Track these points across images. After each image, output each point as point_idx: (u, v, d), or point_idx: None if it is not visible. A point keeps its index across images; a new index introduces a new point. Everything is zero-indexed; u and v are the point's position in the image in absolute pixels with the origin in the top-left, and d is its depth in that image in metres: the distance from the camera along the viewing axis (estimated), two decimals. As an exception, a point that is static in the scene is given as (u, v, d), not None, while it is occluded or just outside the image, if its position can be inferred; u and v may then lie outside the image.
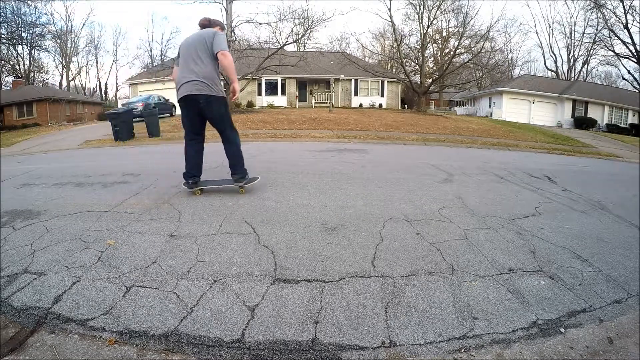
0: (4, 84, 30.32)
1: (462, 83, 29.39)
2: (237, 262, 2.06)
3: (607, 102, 23.79)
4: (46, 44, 32.66)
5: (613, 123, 23.11)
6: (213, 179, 3.70)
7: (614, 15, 26.67)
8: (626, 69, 33.07)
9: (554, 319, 1.60)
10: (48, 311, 1.61)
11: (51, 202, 3.31)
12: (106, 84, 57.09)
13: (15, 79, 29.60)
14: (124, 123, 10.00)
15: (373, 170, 5.02)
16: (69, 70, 40.23)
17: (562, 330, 1.54)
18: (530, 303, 1.72)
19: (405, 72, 23.01)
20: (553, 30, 60.71)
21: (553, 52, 55.47)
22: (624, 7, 24.91)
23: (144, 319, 1.56)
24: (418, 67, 23.79)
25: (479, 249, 2.29)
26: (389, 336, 1.47)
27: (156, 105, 15.39)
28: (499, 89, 25.08)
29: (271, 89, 24.23)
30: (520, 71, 41.73)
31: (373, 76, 24.97)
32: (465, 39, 22.53)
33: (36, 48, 31.76)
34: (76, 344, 1.41)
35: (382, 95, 26.38)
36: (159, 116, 11.56)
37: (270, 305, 1.66)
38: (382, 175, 4.62)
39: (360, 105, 25.12)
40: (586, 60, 36.88)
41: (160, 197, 3.39)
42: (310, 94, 24.95)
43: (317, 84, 25.68)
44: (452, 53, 22.94)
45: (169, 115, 18.57)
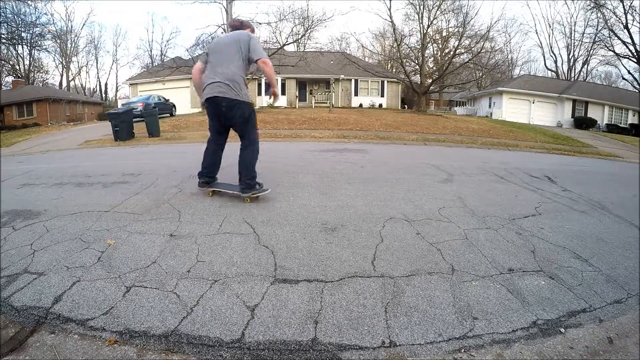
0: (4, 84, 30.35)
1: (462, 83, 29.38)
2: (237, 262, 2.06)
3: (607, 102, 23.79)
4: (46, 44, 32.74)
5: (613, 123, 23.11)
6: (228, 183, 3.53)
7: (614, 15, 26.69)
8: (626, 69, 33.10)
9: (554, 319, 1.60)
10: (48, 311, 1.61)
11: (51, 202, 3.31)
12: (106, 84, 57.14)
13: (15, 79, 29.62)
14: (124, 123, 10.00)
15: (373, 170, 5.02)
16: (69, 70, 40.29)
17: (562, 330, 1.54)
18: (530, 303, 1.72)
19: (405, 72, 23.00)
20: (553, 30, 60.72)
21: (553, 52, 55.46)
22: (624, 7, 24.93)
23: (144, 319, 1.56)
24: (418, 67, 23.77)
25: (479, 249, 2.29)
26: (389, 336, 1.47)
27: (156, 105, 15.39)
28: (499, 89, 25.08)
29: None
30: (520, 71, 41.77)
31: (373, 76, 24.97)
32: (465, 39, 22.53)
33: (36, 48, 31.82)
34: (76, 344, 1.41)
35: (382, 95, 26.38)
36: (159, 116, 11.56)
37: (270, 305, 1.66)
38: (382, 175, 4.62)
39: (360, 105, 25.12)
40: (586, 60, 36.91)
41: (160, 197, 3.39)
42: (310, 94, 24.94)
43: (317, 84, 25.68)
44: (452, 53, 22.92)
45: (169, 115, 18.58)
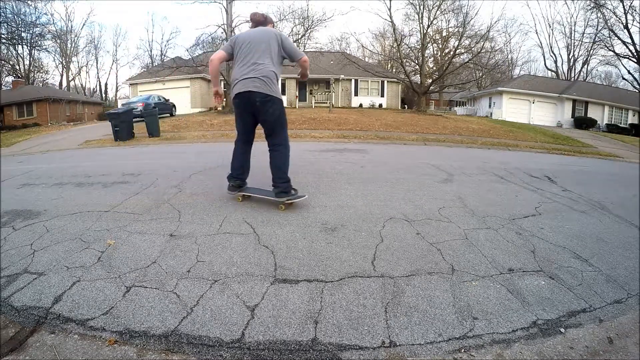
0: (4, 84, 30.36)
1: (462, 83, 29.37)
2: (237, 262, 2.06)
3: (607, 102, 23.79)
4: (46, 44, 32.76)
5: (613, 123, 23.11)
6: (258, 187, 3.42)
7: (614, 15, 26.71)
8: (626, 69, 33.12)
9: (554, 319, 1.60)
10: (48, 311, 1.61)
11: (51, 202, 3.31)
12: (106, 84, 57.26)
13: (15, 79, 29.63)
14: (124, 123, 10.00)
15: (373, 170, 5.02)
16: (69, 70, 40.30)
17: (562, 330, 1.54)
18: (530, 303, 1.72)
19: (405, 72, 22.99)
20: (553, 30, 60.76)
21: (553, 52, 55.54)
22: (624, 7, 24.95)
23: (144, 319, 1.56)
24: (418, 67, 23.76)
25: (479, 249, 2.29)
26: (389, 336, 1.47)
27: (156, 105, 15.40)
28: (499, 89, 25.08)
29: (271, 89, 24.19)
30: (520, 71, 41.79)
31: (373, 76, 24.97)
32: (465, 39, 22.51)
33: (36, 48, 31.83)
34: (76, 344, 1.41)
35: (382, 95, 26.39)
36: (159, 116, 11.56)
37: (270, 305, 1.66)
38: (382, 175, 4.62)
39: (360, 105, 25.13)
40: (586, 60, 36.92)
41: (160, 197, 3.39)
42: (310, 94, 24.93)
43: (317, 84, 25.67)
44: (452, 53, 22.91)
45: (169, 115, 18.58)
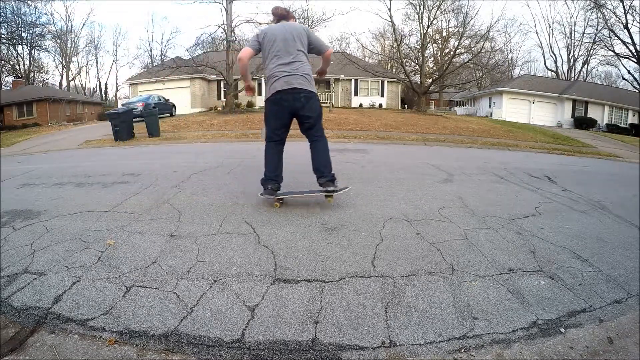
0: (4, 84, 30.38)
1: (462, 83, 29.38)
2: (237, 262, 2.06)
3: (607, 102, 23.79)
4: (46, 44, 32.82)
5: (613, 123, 23.11)
6: (293, 190, 3.35)
7: (614, 15, 26.74)
8: (626, 69, 33.16)
9: (554, 319, 1.60)
10: (48, 311, 1.61)
11: (51, 202, 3.31)
12: (106, 84, 57.29)
13: (15, 79, 29.64)
14: (124, 123, 10.01)
15: (373, 170, 5.02)
16: (69, 70, 40.31)
17: (562, 330, 1.54)
18: (530, 303, 1.71)
19: (405, 72, 22.99)
20: (553, 30, 60.77)
21: (553, 52, 55.53)
22: (624, 7, 24.96)
23: (144, 319, 1.55)
24: (418, 67, 23.77)
25: (479, 249, 2.29)
26: (389, 336, 1.47)
27: (156, 105, 15.41)
28: (499, 89, 25.08)
29: (271, 89, 24.21)
30: (520, 71, 41.79)
31: (373, 76, 24.96)
32: (465, 39, 22.53)
33: (36, 48, 31.89)
34: (76, 344, 1.41)
35: (382, 95, 26.38)
36: (159, 116, 11.57)
37: (270, 305, 1.66)
38: (382, 175, 4.62)
39: (360, 105, 25.12)
40: (586, 60, 36.93)
41: (160, 197, 3.39)
42: (311, 93, 24.92)
43: (317, 84, 25.68)
44: (452, 53, 22.91)
45: (169, 115, 18.59)
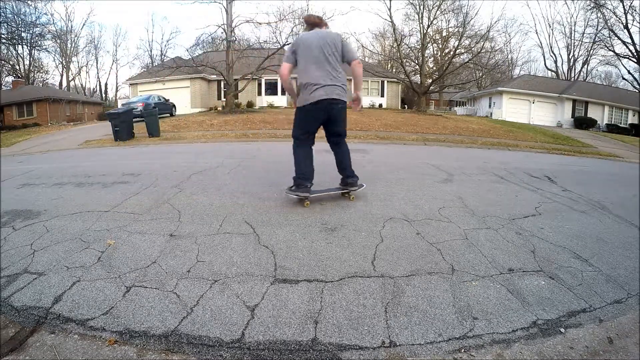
0: (4, 84, 30.36)
1: (462, 83, 29.38)
2: (237, 262, 2.06)
3: (607, 102, 23.78)
4: (46, 44, 32.81)
5: (613, 123, 23.10)
6: (321, 189, 3.46)
7: (614, 15, 26.72)
8: (626, 69, 33.11)
9: (554, 319, 1.60)
10: (48, 311, 1.61)
11: (51, 202, 3.31)
12: (106, 84, 57.13)
13: (15, 79, 29.61)
14: (124, 123, 10.01)
15: (373, 170, 5.02)
16: (69, 70, 40.28)
17: (562, 330, 1.54)
18: (530, 303, 1.72)
19: (405, 72, 22.99)
20: (553, 30, 60.64)
21: (553, 52, 55.43)
22: (624, 7, 24.96)
23: (144, 319, 1.56)
24: (418, 67, 23.77)
25: (479, 249, 2.29)
26: (389, 336, 1.47)
27: (156, 105, 15.39)
28: (499, 89, 25.07)
29: (271, 88, 24.22)
30: (520, 71, 41.72)
31: (373, 76, 24.94)
32: (465, 39, 22.55)
33: (36, 48, 31.88)
34: (76, 344, 1.41)
35: (382, 95, 26.36)
36: (159, 116, 11.57)
37: (270, 305, 1.66)
38: (382, 175, 4.62)
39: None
40: (586, 60, 36.90)
41: (160, 197, 3.39)
42: (311, 94, 24.91)
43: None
44: (452, 53, 22.92)
45: (169, 115, 18.58)
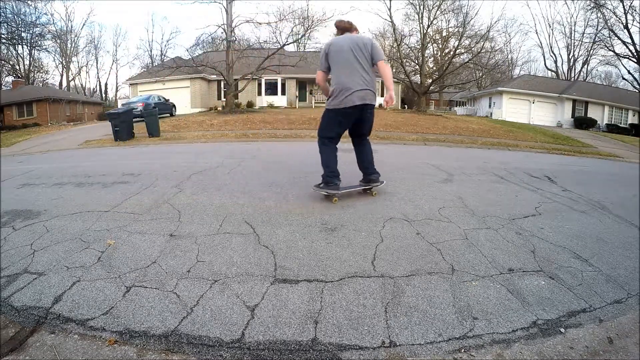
0: (4, 84, 30.35)
1: (462, 83, 29.36)
2: (237, 262, 2.06)
3: (607, 102, 23.78)
4: (46, 44, 32.80)
5: (613, 123, 23.10)
6: (345, 185, 3.52)
7: (614, 15, 26.68)
8: (626, 69, 33.08)
9: (554, 319, 1.60)
10: (48, 311, 1.61)
11: (51, 202, 3.31)
12: (106, 84, 57.12)
13: (15, 79, 29.61)
14: (124, 123, 10.01)
15: (373, 170, 5.01)
16: (69, 70, 40.26)
17: (562, 330, 1.54)
18: (530, 303, 1.72)
19: (405, 72, 22.98)
20: (553, 30, 60.62)
21: (553, 52, 55.36)
22: (624, 7, 24.93)
23: (144, 319, 1.56)
24: (418, 67, 23.76)
25: (479, 249, 2.29)
26: (389, 336, 1.47)
27: (156, 105, 15.39)
28: (499, 89, 25.07)
29: (271, 88, 24.22)
30: (520, 71, 41.69)
31: (373, 76, 24.93)
32: (465, 39, 22.53)
33: (36, 48, 31.86)
34: (76, 344, 1.41)
35: (382, 95, 26.39)
36: (159, 116, 11.57)
37: (270, 305, 1.67)
38: (382, 175, 4.61)
39: (361, 105, 25.09)
40: (586, 60, 36.89)
41: (160, 197, 3.39)
42: (311, 94, 24.91)
43: (317, 84, 25.63)
44: (452, 53, 22.91)
45: (169, 115, 18.58)
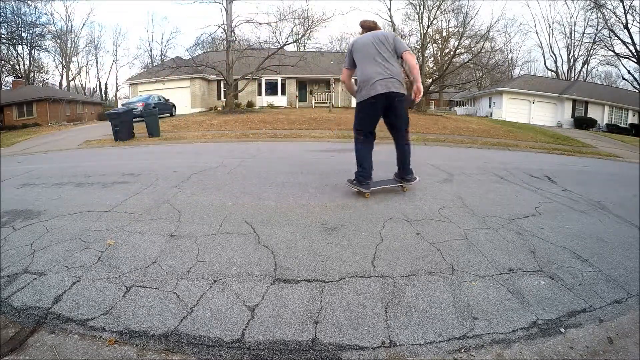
0: (4, 84, 30.34)
1: (462, 83, 29.34)
2: (237, 262, 2.06)
3: (607, 102, 23.78)
4: (46, 44, 32.79)
5: (613, 123, 23.10)
6: (378, 180, 3.56)
7: (614, 15, 26.68)
8: (626, 69, 33.04)
9: (554, 319, 1.60)
10: (48, 311, 1.61)
11: (51, 202, 3.31)
12: (106, 84, 57.20)
13: (15, 79, 29.60)
14: (124, 123, 10.01)
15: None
16: (69, 70, 40.27)
17: (562, 330, 1.54)
18: (530, 303, 1.72)
19: (405, 72, 22.96)
20: (553, 30, 60.62)
21: (553, 52, 55.36)
22: (624, 7, 24.93)
23: (144, 319, 1.56)
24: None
25: (479, 249, 2.29)
26: (389, 336, 1.47)
27: (156, 105, 15.39)
28: (499, 89, 25.07)
29: (271, 88, 24.23)
30: (520, 71, 41.69)
31: (373, 76, 24.91)
32: (465, 39, 22.51)
33: (36, 48, 31.85)
34: (76, 344, 1.41)
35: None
36: (159, 116, 11.57)
37: (270, 305, 1.67)
38: (382, 175, 4.62)
39: (361, 105, 25.10)
40: (586, 60, 36.89)
41: (160, 197, 3.39)
42: (310, 93, 24.93)
43: (317, 84, 25.65)
44: (452, 53, 22.90)
45: (169, 115, 18.58)
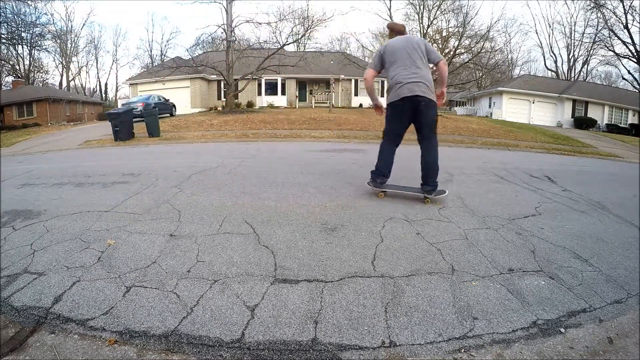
0: (4, 84, 30.35)
1: (462, 83, 29.31)
2: (237, 262, 2.06)
3: (607, 102, 23.79)
4: (46, 44, 32.82)
5: (613, 123, 23.11)
6: (398, 184, 3.61)
7: (614, 15, 26.74)
8: (626, 69, 33.09)
9: (554, 319, 1.60)
10: (48, 311, 1.61)
11: (51, 202, 3.31)
12: (106, 84, 57.12)
13: (15, 79, 29.61)
14: (124, 123, 10.01)
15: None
16: (69, 70, 40.29)
17: (562, 330, 1.54)
18: (530, 303, 1.72)
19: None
20: (553, 30, 60.64)
21: (553, 52, 55.38)
22: (624, 7, 24.98)
23: (144, 319, 1.56)
24: (418, 67, 23.70)
25: (479, 249, 2.29)
26: (389, 336, 1.47)
27: (156, 105, 15.40)
28: (499, 89, 25.08)
29: (271, 89, 24.23)
30: (520, 71, 41.73)
31: (373, 76, 24.91)
32: (465, 39, 22.51)
33: (36, 48, 31.88)
34: (76, 344, 1.41)
35: (383, 95, 26.28)
36: (159, 116, 11.57)
37: (270, 305, 1.66)
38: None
39: (360, 105, 25.10)
40: (586, 60, 36.93)
41: (160, 197, 3.39)
42: (310, 94, 24.93)
43: (317, 84, 25.65)
44: (452, 53, 22.88)
45: (169, 115, 18.58)
